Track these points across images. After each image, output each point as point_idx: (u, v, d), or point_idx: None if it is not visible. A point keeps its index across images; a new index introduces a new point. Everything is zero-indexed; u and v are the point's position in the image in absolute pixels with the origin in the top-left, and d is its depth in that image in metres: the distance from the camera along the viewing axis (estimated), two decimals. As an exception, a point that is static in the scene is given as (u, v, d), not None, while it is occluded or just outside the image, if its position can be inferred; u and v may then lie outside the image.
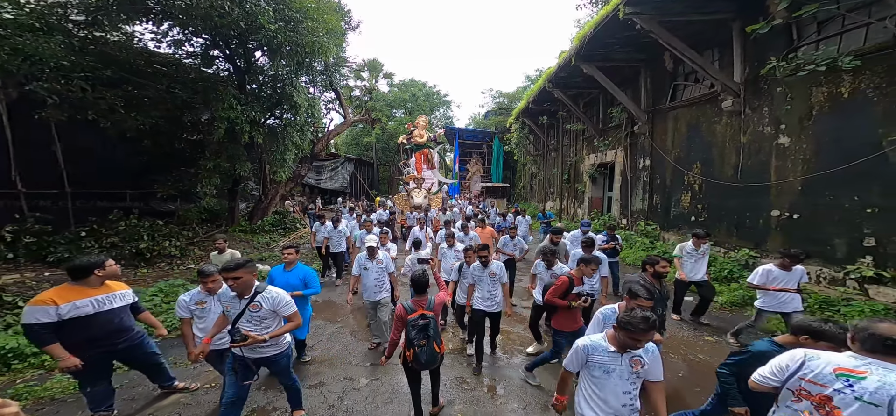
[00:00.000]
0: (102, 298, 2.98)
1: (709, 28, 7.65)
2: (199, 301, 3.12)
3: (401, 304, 3.07)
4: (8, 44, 5.77)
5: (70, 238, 7.15)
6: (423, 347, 2.89)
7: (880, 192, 5.18)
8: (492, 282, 4.06)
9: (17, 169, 7.51)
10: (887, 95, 5.01)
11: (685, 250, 5.70)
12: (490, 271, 4.06)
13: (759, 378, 2.07)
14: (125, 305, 3.15)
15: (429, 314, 2.99)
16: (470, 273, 4.21)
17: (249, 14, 7.96)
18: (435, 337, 2.95)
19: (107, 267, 3.05)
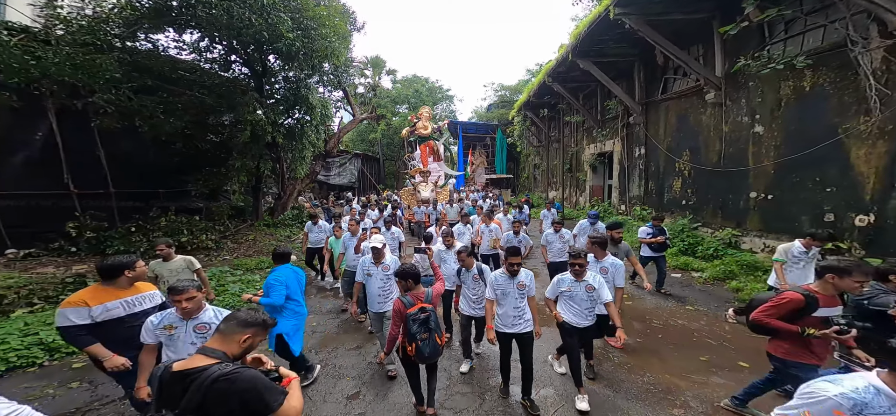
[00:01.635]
0: (133, 299, 2.87)
1: (692, 25, 8.38)
2: (169, 325, 2.54)
3: (398, 299, 3.01)
4: (69, 61, 6.63)
5: (122, 233, 8.12)
6: (426, 340, 2.88)
7: (837, 173, 5.98)
8: (520, 295, 3.37)
9: (68, 172, 8.46)
10: (840, 88, 5.79)
11: (791, 253, 4.46)
12: (518, 283, 3.37)
13: None
14: (154, 306, 2.98)
15: (428, 307, 2.96)
16: (492, 284, 3.47)
17: (271, 25, 8.78)
18: (436, 330, 2.94)
19: (137, 268, 2.92)
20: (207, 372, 1.61)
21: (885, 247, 5.32)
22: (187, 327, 2.54)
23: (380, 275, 4.07)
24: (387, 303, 4.01)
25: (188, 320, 2.53)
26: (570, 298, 3.50)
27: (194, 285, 2.51)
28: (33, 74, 6.35)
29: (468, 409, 3.57)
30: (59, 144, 8.33)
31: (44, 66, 6.27)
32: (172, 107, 8.84)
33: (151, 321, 2.57)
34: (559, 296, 3.60)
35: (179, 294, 2.45)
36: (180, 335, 2.54)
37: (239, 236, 10.01)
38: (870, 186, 5.53)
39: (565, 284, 3.51)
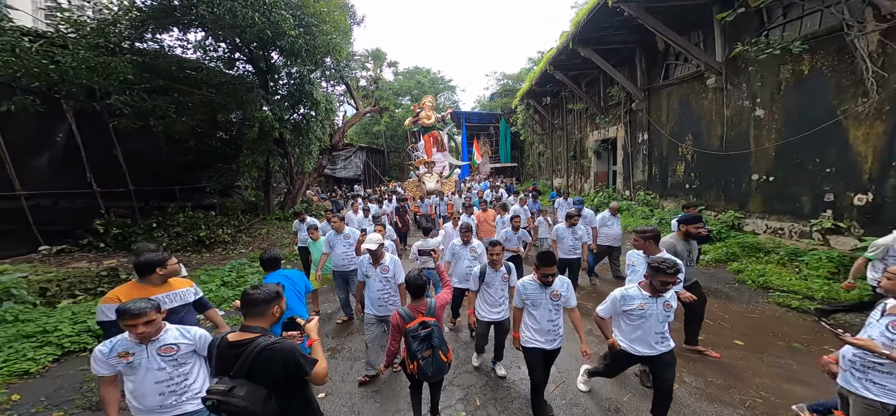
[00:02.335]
0: (162, 296, 2.80)
1: (692, 11, 8.44)
2: (125, 352, 2.15)
3: (397, 311, 2.77)
4: (85, 64, 6.90)
5: (145, 229, 8.49)
6: (428, 358, 2.60)
7: (836, 154, 6.12)
8: (555, 307, 2.96)
9: (90, 172, 8.81)
10: (838, 71, 5.91)
11: (893, 250, 3.70)
12: (552, 292, 2.95)
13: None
14: (186, 303, 2.93)
15: (430, 321, 2.67)
16: (520, 294, 3.06)
17: (274, 23, 8.96)
18: (440, 346, 2.66)
19: (169, 265, 2.89)
20: (254, 343, 1.91)
21: (884, 225, 5.45)
22: (148, 351, 2.15)
23: (378, 277, 3.75)
24: (386, 307, 3.74)
25: (148, 344, 2.14)
26: (639, 319, 2.78)
27: (151, 306, 2.13)
28: (53, 77, 6.64)
29: (475, 385, 3.82)
30: (80, 144, 8.66)
31: (62, 69, 6.56)
32: (183, 106, 9.12)
33: (100, 351, 2.12)
34: (621, 316, 2.89)
35: (135, 318, 2.04)
36: (141, 362, 2.14)
37: (253, 230, 10.36)
38: (868, 166, 5.68)
39: (634, 300, 2.79)
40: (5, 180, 7.46)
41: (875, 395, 2.24)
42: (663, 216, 10.11)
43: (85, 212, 8.64)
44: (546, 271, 2.90)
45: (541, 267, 2.92)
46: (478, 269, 3.64)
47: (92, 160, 8.95)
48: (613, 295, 2.88)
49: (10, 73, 6.22)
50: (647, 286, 2.78)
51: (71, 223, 8.32)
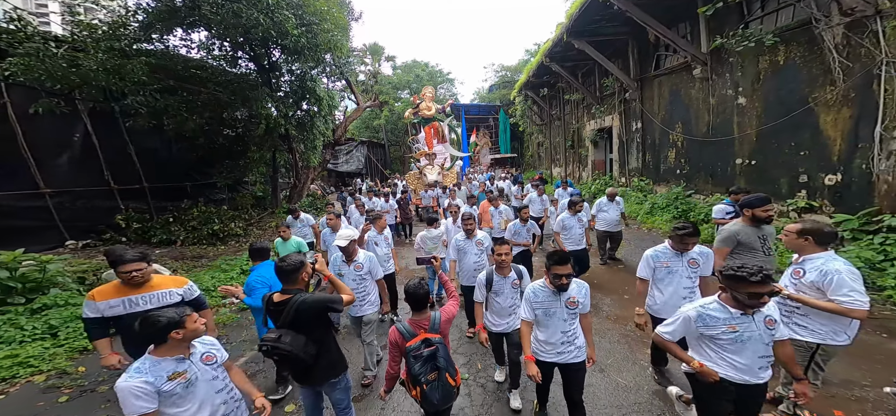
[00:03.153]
0: (136, 298, 2.72)
1: (679, 4, 8.86)
2: (176, 372, 1.94)
3: (395, 327, 2.43)
4: (103, 66, 7.37)
5: (162, 224, 9.04)
6: (433, 382, 2.25)
7: (809, 138, 6.61)
8: (570, 315, 2.61)
9: (107, 170, 9.34)
10: (809, 61, 6.38)
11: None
12: (568, 299, 2.59)
13: None
14: (165, 306, 2.67)
15: (435, 338, 2.35)
16: (530, 301, 2.68)
17: (277, 23, 9.38)
18: (447, 368, 2.30)
19: (129, 265, 2.69)
20: (292, 300, 2.45)
21: (851, 203, 6.01)
22: (195, 363, 2.06)
23: (352, 275, 3.59)
24: (364, 306, 3.64)
25: (189, 357, 2.05)
26: (735, 343, 2.16)
27: (184, 312, 2.02)
28: (74, 80, 7.13)
29: (477, 352, 4.20)
30: (96, 144, 9.17)
31: (83, 73, 7.04)
32: (193, 104, 9.60)
33: (143, 384, 1.83)
34: (702, 341, 2.29)
35: (178, 327, 1.94)
36: (197, 375, 2.02)
37: (262, 223, 10.90)
38: (837, 149, 6.18)
39: (717, 322, 2.18)
40: (30, 180, 7.98)
41: (800, 335, 2.76)
42: (655, 201, 10.62)
43: (104, 208, 9.18)
44: (559, 271, 2.50)
45: (553, 267, 2.54)
46: (483, 275, 3.21)
47: (107, 159, 9.45)
48: (684, 314, 2.28)
49: (35, 77, 6.70)
50: (731, 301, 2.16)
51: (92, 219, 8.86)
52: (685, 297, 3.06)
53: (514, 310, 3.21)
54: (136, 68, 7.56)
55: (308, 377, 2.57)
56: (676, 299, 3.10)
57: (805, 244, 2.72)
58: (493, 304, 3.25)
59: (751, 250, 3.40)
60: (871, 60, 5.41)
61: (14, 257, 5.04)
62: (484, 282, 3.20)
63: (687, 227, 3.13)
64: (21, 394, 3.68)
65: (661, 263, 3.18)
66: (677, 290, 3.13)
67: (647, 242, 8.65)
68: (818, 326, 2.67)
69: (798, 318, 2.75)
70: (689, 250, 3.12)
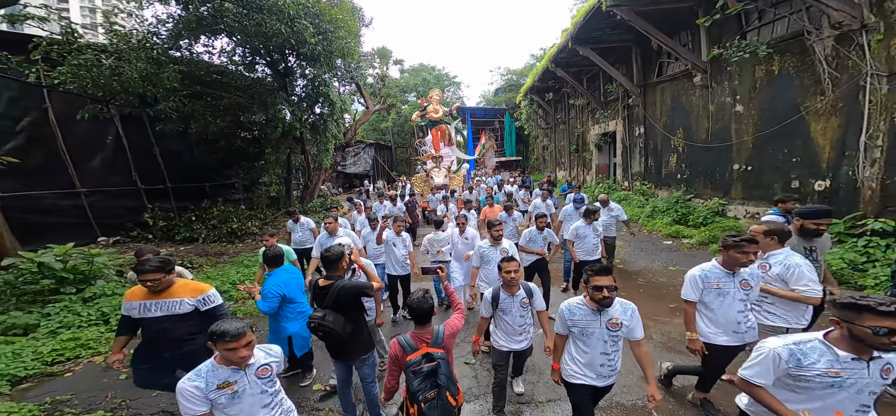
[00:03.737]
0: (149, 303, 2.80)
1: (681, 13, 9.26)
2: (226, 382, 2.01)
3: (396, 340, 2.38)
4: (140, 74, 7.94)
5: (186, 222, 9.61)
6: (432, 400, 2.16)
7: (800, 145, 6.98)
8: (612, 338, 2.35)
9: (135, 171, 9.94)
10: (801, 71, 6.76)
11: None
12: (610, 319, 2.34)
13: None
14: (174, 315, 2.81)
15: (437, 352, 2.26)
16: (564, 320, 2.46)
17: (296, 32, 9.93)
18: (448, 386, 2.20)
19: (146, 276, 2.73)
20: (334, 286, 2.92)
21: (838, 208, 6.34)
22: (248, 376, 2.05)
23: None
24: None
25: (246, 370, 2.04)
26: (829, 387, 1.73)
27: (246, 326, 1.99)
28: (116, 87, 7.71)
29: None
30: (126, 147, 9.78)
31: (123, 80, 7.62)
32: (216, 109, 10.18)
33: (194, 387, 1.95)
34: (789, 381, 1.83)
35: (235, 340, 1.92)
36: (245, 388, 2.04)
37: (277, 223, 11.43)
38: (826, 156, 6.55)
39: (815, 362, 1.73)
40: (68, 180, 8.59)
41: (772, 321, 3.15)
42: (656, 205, 10.99)
43: (132, 207, 9.79)
44: (600, 282, 2.26)
45: (592, 278, 2.30)
46: (489, 292, 3.01)
47: (135, 161, 10.07)
48: (772, 352, 1.81)
49: (82, 85, 7.29)
50: (845, 341, 1.69)
51: (122, 217, 9.47)
52: (740, 322, 2.81)
53: (525, 329, 3.04)
54: (170, 76, 8.15)
55: (342, 352, 3.03)
56: (731, 323, 2.82)
57: (770, 243, 3.11)
58: (502, 321, 3.06)
59: None
60: (858, 72, 5.78)
61: (66, 251, 5.58)
62: (490, 299, 2.99)
63: (736, 237, 2.72)
64: (85, 372, 4.19)
65: (710, 283, 2.83)
66: (730, 314, 2.82)
67: (647, 244, 9.03)
68: (784, 312, 3.04)
69: (768, 306, 3.13)
70: (744, 266, 2.75)
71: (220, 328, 1.95)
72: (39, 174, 8.12)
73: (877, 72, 5.46)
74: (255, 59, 11.97)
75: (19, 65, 6.87)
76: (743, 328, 2.81)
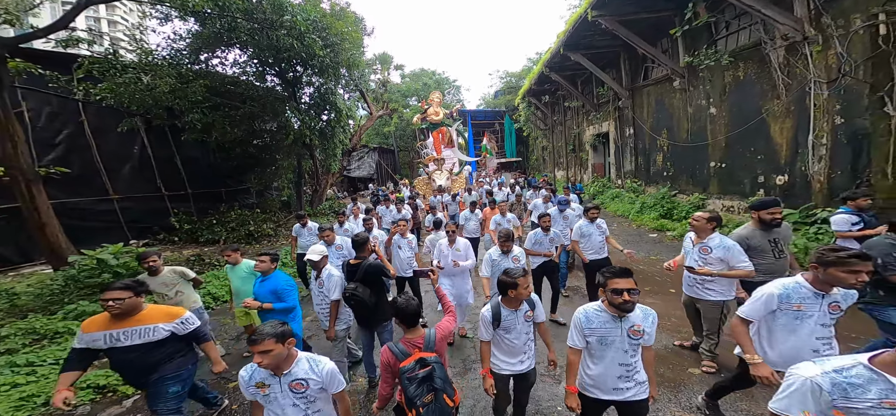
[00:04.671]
0: (117, 332, 2.61)
1: (661, 22, 10.13)
2: (260, 383, 2.15)
3: (387, 347, 2.43)
4: (170, 88, 8.92)
5: (207, 225, 10.61)
6: (430, 404, 2.21)
7: (763, 144, 7.84)
8: (632, 347, 2.24)
9: (159, 178, 10.96)
10: (761, 77, 7.63)
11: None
12: (632, 327, 2.22)
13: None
14: (148, 343, 2.67)
15: (430, 357, 2.30)
16: (581, 328, 2.32)
17: (307, 46, 10.90)
18: (444, 388, 2.26)
19: (107, 294, 2.60)
20: (364, 264, 3.82)
21: (795, 200, 7.21)
22: (281, 384, 2.13)
23: (316, 291, 3.90)
24: (327, 323, 3.89)
25: (281, 377, 2.12)
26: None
27: (275, 332, 2.05)
28: (148, 102, 8.73)
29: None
30: (151, 156, 10.81)
31: (155, 95, 8.63)
32: (233, 118, 11.17)
33: (243, 376, 2.19)
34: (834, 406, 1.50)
35: (253, 344, 2.04)
36: (276, 395, 2.14)
37: (289, 224, 12.39)
38: (784, 153, 7.40)
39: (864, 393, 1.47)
40: (102, 187, 9.62)
41: (713, 298, 3.80)
42: (645, 201, 11.86)
43: (157, 211, 10.81)
44: (620, 285, 2.15)
45: (610, 281, 2.20)
46: (487, 310, 2.71)
47: (159, 168, 11.10)
48: (808, 382, 1.53)
49: (121, 101, 8.31)
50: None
51: (148, 221, 10.49)
52: (816, 350, 2.31)
53: (529, 347, 2.77)
54: (196, 89, 9.17)
55: (368, 320, 3.87)
56: (804, 353, 2.29)
57: (710, 228, 3.76)
58: (503, 342, 2.74)
59: (761, 253, 3.55)
60: (805, 79, 6.65)
61: (118, 250, 6.52)
62: (490, 318, 2.66)
63: (840, 251, 2.18)
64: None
65: (790, 305, 2.34)
66: (807, 341, 2.35)
67: (635, 236, 9.91)
68: (720, 288, 3.71)
69: (708, 284, 3.75)
70: (849, 288, 2.23)
71: (255, 330, 2.12)
72: (78, 182, 9.14)
73: (818, 79, 6.33)
74: (265, 69, 12.99)
75: (68, 83, 7.85)
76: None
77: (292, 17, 9.96)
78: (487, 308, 2.74)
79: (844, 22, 5.87)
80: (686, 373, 4.01)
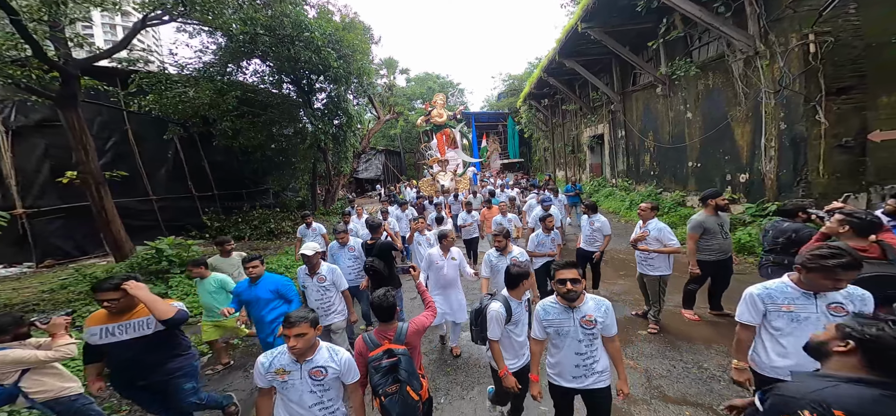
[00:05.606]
0: (112, 327, 2.70)
1: (645, 33, 11.21)
2: (280, 369, 2.19)
3: (361, 336, 2.55)
4: (207, 99, 10.26)
5: (233, 224, 11.96)
6: (393, 395, 2.27)
7: (729, 145, 8.92)
8: (587, 336, 2.43)
9: (191, 180, 12.34)
10: (726, 86, 8.71)
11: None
12: (583, 317, 2.41)
13: None
14: (141, 337, 2.74)
15: (398, 349, 2.39)
16: (540, 321, 2.51)
17: (323, 59, 12.18)
18: (409, 381, 2.33)
19: (101, 294, 2.64)
20: (378, 243, 5.07)
21: (755, 195, 8.28)
22: (302, 372, 2.20)
23: (315, 287, 4.03)
24: (329, 316, 4.03)
25: (302, 364, 2.20)
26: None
27: (309, 318, 2.15)
28: (188, 111, 10.10)
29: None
30: (183, 160, 12.20)
31: (195, 105, 10.01)
32: (256, 125, 12.52)
33: (261, 363, 2.23)
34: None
35: (289, 327, 2.10)
36: (295, 382, 2.20)
37: (305, 221, 13.76)
38: (745, 154, 8.48)
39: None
40: (143, 189, 11.02)
41: (653, 273, 4.90)
42: (633, 198, 12.94)
43: (188, 211, 12.20)
44: (563, 275, 2.35)
45: (557, 272, 2.39)
46: (500, 307, 2.69)
47: (190, 171, 12.48)
48: None
49: (166, 111, 9.69)
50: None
51: (181, 219, 11.86)
52: None
53: (527, 340, 2.88)
54: (229, 100, 10.53)
55: (382, 287, 5.08)
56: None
57: (652, 215, 4.98)
58: (508, 339, 2.79)
59: (713, 235, 4.44)
60: (758, 89, 7.73)
61: (172, 242, 7.82)
62: (503, 312, 2.68)
63: (826, 257, 2.05)
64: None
65: (777, 305, 2.28)
66: None
67: (622, 230, 10.98)
68: (658, 264, 4.80)
69: (650, 261, 4.82)
70: (835, 289, 2.12)
71: (289, 313, 2.20)
72: (124, 185, 10.48)
73: (767, 89, 7.41)
74: (281, 78, 14.34)
75: (126, 96, 9.22)
76: None
77: (310, 34, 11.27)
78: (498, 304, 2.71)
79: (785, 39, 6.96)
80: (635, 334, 5.07)
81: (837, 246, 2.12)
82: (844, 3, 6.39)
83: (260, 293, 3.79)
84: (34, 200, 9.06)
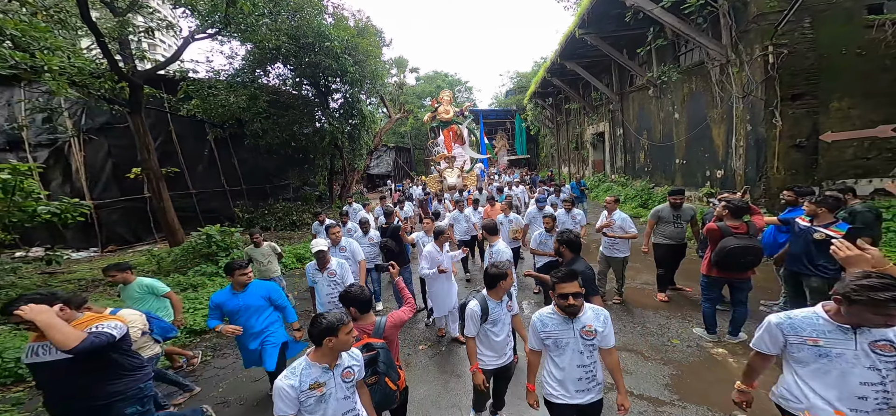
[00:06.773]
0: (36, 346, 2.44)
1: (638, 38, 12.26)
2: (316, 384, 2.04)
3: None
4: (243, 103, 11.70)
5: (260, 216, 13.44)
6: (373, 385, 2.38)
7: (708, 144, 10.01)
8: (588, 348, 2.37)
9: (223, 176, 13.86)
10: (706, 89, 9.79)
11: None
12: (583, 327, 2.34)
13: None
14: (61, 359, 2.37)
15: (376, 343, 2.47)
16: (537, 332, 2.45)
17: (341, 64, 13.54)
18: (387, 372, 2.42)
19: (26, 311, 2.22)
20: (391, 225, 6.43)
21: (730, 190, 9.31)
22: (335, 377, 2.13)
23: (326, 281, 4.17)
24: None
25: (333, 370, 2.13)
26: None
27: (346, 318, 2.11)
28: (225, 114, 11.56)
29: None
30: (217, 158, 13.72)
31: (232, 109, 11.46)
32: (281, 125, 13.96)
33: (289, 386, 2.01)
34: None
35: (336, 330, 2.04)
36: (332, 390, 2.10)
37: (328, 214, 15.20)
38: (721, 153, 9.57)
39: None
40: (184, 184, 12.54)
41: (619, 255, 6.11)
42: (628, 193, 14.06)
43: (221, 204, 13.72)
44: (565, 289, 2.27)
45: (557, 284, 2.31)
46: (476, 305, 2.81)
47: (222, 168, 13.99)
48: None
49: (208, 114, 11.17)
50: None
51: (215, 211, 13.40)
52: (864, 396, 1.81)
53: (510, 337, 2.99)
54: (260, 103, 11.98)
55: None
56: (848, 398, 1.85)
57: (615, 206, 6.26)
58: (488, 337, 2.88)
59: (666, 223, 5.57)
60: (731, 94, 8.82)
61: (218, 229, 9.23)
62: (479, 312, 2.78)
63: (877, 289, 1.66)
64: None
65: (802, 338, 1.96)
66: (849, 383, 1.85)
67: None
68: (622, 247, 5.99)
69: (617, 246, 5.98)
70: (887, 326, 1.78)
71: (329, 320, 2.06)
72: (169, 180, 12.04)
73: (737, 94, 8.50)
74: (301, 80, 15.76)
75: (178, 101, 10.66)
76: (869, 408, 1.81)
77: (330, 43, 12.63)
78: (475, 303, 2.81)
79: (751, 49, 8.04)
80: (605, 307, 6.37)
81: (889, 275, 1.73)
82: (800, 18, 7.47)
83: (250, 301, 3.61)
84: (100, 194, 10.63)
